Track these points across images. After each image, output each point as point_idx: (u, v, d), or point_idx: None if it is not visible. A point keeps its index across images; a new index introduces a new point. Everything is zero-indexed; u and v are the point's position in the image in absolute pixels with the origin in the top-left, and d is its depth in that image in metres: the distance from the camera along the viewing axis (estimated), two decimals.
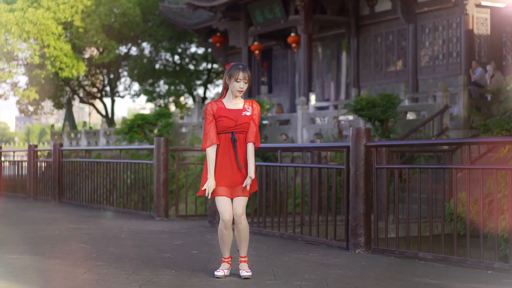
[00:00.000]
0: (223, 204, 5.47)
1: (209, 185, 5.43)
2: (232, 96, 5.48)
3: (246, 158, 5.49)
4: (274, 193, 8.45)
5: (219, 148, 5.47)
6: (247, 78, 5.43)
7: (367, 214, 7.07)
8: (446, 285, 5.35)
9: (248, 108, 5.48)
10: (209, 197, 5.52)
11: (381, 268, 6.11)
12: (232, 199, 5.50)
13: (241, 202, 5.49)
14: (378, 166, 7.30)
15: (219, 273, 5.49)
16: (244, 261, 5.57)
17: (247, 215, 8.90)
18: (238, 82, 5.41)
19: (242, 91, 5.44)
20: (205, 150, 5.49)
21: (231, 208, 5.48)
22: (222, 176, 5.45)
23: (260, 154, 16.74)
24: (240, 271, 5.53)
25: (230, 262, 5.59)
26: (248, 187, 5.48)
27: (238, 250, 5.63)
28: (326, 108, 22.25)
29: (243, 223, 5.51)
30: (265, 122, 20.06)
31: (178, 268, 5.90)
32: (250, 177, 5.45)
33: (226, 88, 5.51)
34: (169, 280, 5.36)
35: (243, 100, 5.52)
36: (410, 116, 17.75)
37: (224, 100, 5.50)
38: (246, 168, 5.48)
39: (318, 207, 8.13)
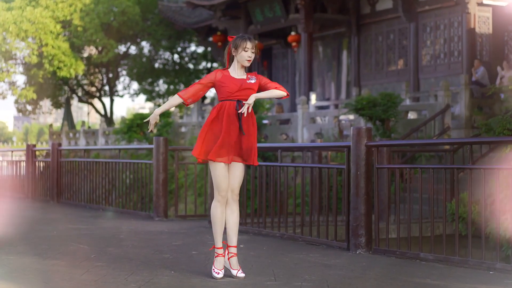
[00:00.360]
0: (220, 173, 5.41)
1: (151, 117, 5.43)
2: (238, 66, 5.47)
3: (249, 127, 5.41)
4: (274, 193, 8.45)
5: (222, 115, 5.40)
6: (254, 48, 5.44)
7: (368, 214, 7.07)
8: (447, 286, 5.36)
9: (251, 77, 5.48)
10: (149, 128, 5.45)
11: (382, 269, 6.11)
12: (230, 172, 5.46)
13: (238, 172, 5.44)
14: (379, 166, 7.30)
15: (218, 275, 5.42)
16: (234, 255, 5.48)
17: (247, 215, 8.93)
18: (246, 51, 5.42)
19: (250, 60, 5.44)
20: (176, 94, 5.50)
21: (227, 181, 5.45)
22: (224, 143, 5.35)
23: (260, 153, 16.73)
24: (233, 271, 5.47)
25: (224, 254, 5.52)
26: (246, 110, 5.30)
27: (224, 242, 5.53)
28: (326, 107, 22.25)
29: (237, 204, 5.45)
30: (265, 121, 20.06)
31: (177, 268, 5.90)
32: (247, 108, 5.32)
33: (229, 61, 5.52)
34: (168, 280, 5.36)
35: (246, 73, 5.51)
36: (411, 115, 17.75)
37: (229, 70, 5.50)
38: (250, 136, 5.40)
39: (319, 207, 8.13)
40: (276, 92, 5.44)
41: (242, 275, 5.45)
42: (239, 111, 5.33)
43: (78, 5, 30.75)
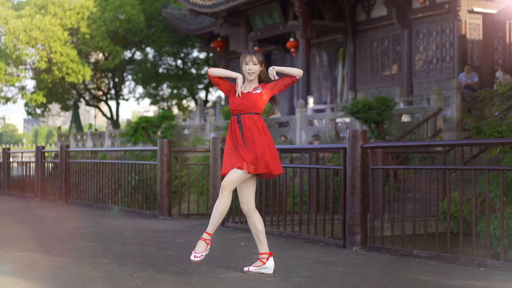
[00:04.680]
0: (241, 187, 5.53)
1: (238, 82, 5.42)
2: (246, 81, 5.50)
3: (253, 138, 5.37)
4: (274, 193, 8.44)
5: (230, 131, 5.46)
6: (255, 60, 5.42)
7: (364, 213, 7.06)
8: (439, 282, 5.35)
9: (258, 88, 5.47)
10: (238, 90, 5.42)
11: (377, 266, 6.10)
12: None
13: (253, 187, 5.51)
14: (374, 166, 7.29)
15: (196, 259, 5.38)
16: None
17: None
18: (246, 64, 5.43)
19: (251, 72, 5.43)
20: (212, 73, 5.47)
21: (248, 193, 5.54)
22: (228, 155, 5.44)
23: None
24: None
25: (209, 243, 5.47)
26: (273, 75, 5.38)
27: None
28: (323, 110, 22.23)
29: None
30: None
31: (180, 265, 5.89)
32: (273, 68, 5.40)
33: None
34: (172, 277, 5.36)
35: (256, 84, 5.50)
36: (405, 118, 17.75)
37: (243, 85, 5.52)
38: (251, 147, 5.36)
39: (316, 207, 8.12)
40: (293, 69, 5.49)
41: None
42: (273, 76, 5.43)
43: (86, 13, 30.75)
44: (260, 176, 5.56)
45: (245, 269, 5.57)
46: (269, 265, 5.51)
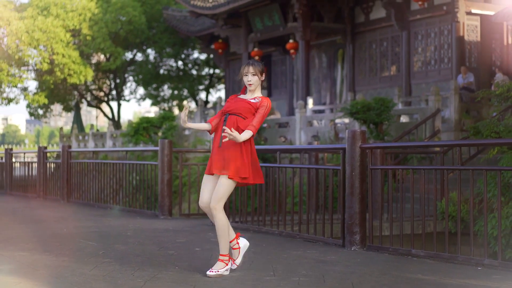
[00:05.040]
0: (202, 185, 5.45)
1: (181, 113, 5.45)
2: (248, 92, 5.50)
3: (229, 141, 5.28)
4: (274, 193, 8.44)
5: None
6: (253, 71, 5.40)
7: (362, 213, 7.06)
8: (438, 281, 5.35)
9: (258, 99, 5.43)
10: (182, 119, 5.45)
11: (375, 265, 6.10)
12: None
13: (218, 187, 5.28)
14: (373, 167, 7.29)
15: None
16: (220, 260, 5.38)
17: (248, 214, 8.93)
18: (246, 75, 5.43)
19: (251, 83, 5.42)
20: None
21: (209, 192, 5.38)
22: (212, 155, 5.40)
23: (260, 155, 16.69)
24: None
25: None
26: (229, 135, 5.13)
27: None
28: (323, 111, 22.24)
29: (217, 216, 5.30)
30: (264, 125, 20.06)
31: (181, 264, 5.89)
32: (232, 133, 5.13)
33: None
34: (173, 276, 5.36)
35: (260, 95, 5.49)
36: (404, 119, 17.75)
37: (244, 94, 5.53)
38: (229, 149, 5.28)
39: (316, 206, 8.13)
40: (248, 133, 5.26)
41: (209, 272, 5.34)
42: (223, 128, 5.25)
43: (87, 14, 30.76)
44: (238, 184, 5.38)
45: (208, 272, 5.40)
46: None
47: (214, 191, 5.33)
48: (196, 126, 5.58)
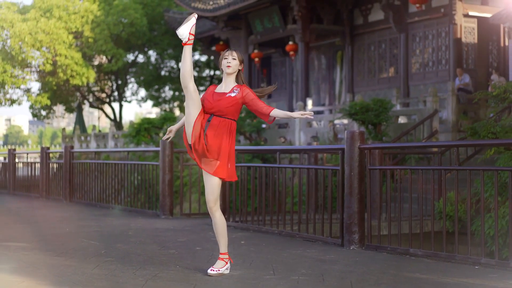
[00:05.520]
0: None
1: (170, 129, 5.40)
2: (224, 78, 5.32)
3: (216, 138, 5.15)
4: (273, 193, 8.44)
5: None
6: (234, 55, 5.26)
7: (361, 212, 7.06)
8: (435, 280, 5.35)
9: (236, 90, 5.24)
10: (165, 137, 5.44)
11: (374, 264, 6.10)
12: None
13: (209, 186, 5.22)
14: (372, 167, 7.30)
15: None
16: (220, 259, 5.37)
17: (248, 213, 8.93)
18: (225, 58, 5.27)
19: (230, 65, 5.24)
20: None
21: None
22: (196, 153, 5.21)
23: (259, 155, 16.73)
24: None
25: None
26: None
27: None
28: (322, 112, 22.25)
29: (216, 215, 5.29)
30: (264, 125, 20.06)
31: (182, 263, 5.89)
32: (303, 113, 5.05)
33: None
34: (174, 275, 5.36)
35: (234, 84, 5.30)
36: (402, 120, 17.75)
37: (220, 84, 5.36)
38: (213, 148, 5.15)
39: (315, 206, 8.13)
40: (290, 114, 5.17)
41: (210, 271, 5.33)
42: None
43: (90, 16, 30.77)
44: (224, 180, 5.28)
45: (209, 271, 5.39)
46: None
47: (209, 192, 5.26)
48: (179, 125, 5.51)
